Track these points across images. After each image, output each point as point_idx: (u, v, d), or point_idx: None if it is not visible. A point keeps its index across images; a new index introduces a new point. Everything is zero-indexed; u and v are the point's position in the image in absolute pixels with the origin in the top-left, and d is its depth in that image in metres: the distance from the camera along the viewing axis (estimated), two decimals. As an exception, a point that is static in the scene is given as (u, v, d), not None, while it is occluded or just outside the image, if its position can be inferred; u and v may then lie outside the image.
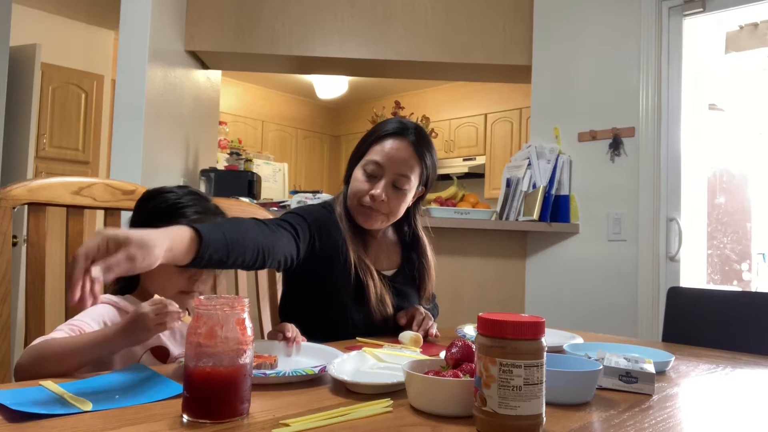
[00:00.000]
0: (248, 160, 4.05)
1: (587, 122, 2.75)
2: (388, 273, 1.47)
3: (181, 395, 0.71)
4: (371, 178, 1.38)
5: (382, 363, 1.01)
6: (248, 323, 0.73)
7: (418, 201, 1.51)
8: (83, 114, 4.39)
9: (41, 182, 1.17)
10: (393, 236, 1.55)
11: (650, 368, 0.91)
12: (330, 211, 1.44)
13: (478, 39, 3.12)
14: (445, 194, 3.05)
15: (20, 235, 2.55)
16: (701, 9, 2.48)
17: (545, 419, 0.69)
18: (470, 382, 0.73)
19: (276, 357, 0.98)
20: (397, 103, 3.50)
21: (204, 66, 3.45)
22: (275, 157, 5.64)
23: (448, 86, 6.03)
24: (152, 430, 0.66)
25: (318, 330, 1.25)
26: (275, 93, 6.61)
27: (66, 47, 4.33)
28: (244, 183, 3.41)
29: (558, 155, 2.77)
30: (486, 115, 5.74)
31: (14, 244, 1.17)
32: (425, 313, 1.38)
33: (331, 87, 5.92)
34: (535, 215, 2.65)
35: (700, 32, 2.61)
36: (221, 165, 3.88)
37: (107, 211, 1.29)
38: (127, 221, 1.19)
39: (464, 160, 5.89)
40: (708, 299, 1.63)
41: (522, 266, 2.90)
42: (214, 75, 3.72)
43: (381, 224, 1.42)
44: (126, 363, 1.03)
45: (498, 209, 2.83)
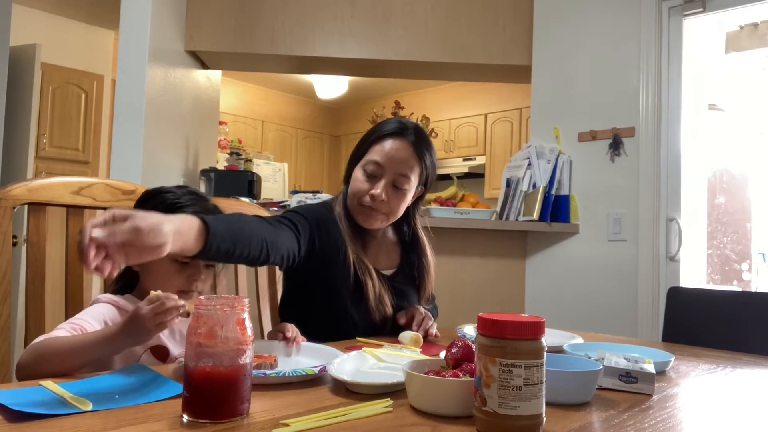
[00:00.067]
0: (248, 160, 4.06)
1: (587, 122, 2.75)
2: (388, 272, 1.47)
3: (181, 395, 0.71)
4: (371, 178, 1.38)
5: (382, 363, 1.01)
6: (248, 323, 0.73)
7: (418, 201, 1.52)
8: (83, 114, 4.39)
9: (41, 182, 1.17)
10: (393, 236, 1.56)
11: (650, 368, 0.91)
12: (329, 211, 1.44)
13: (478, 39, 3.12)
14: (445, 194, 3.05)
15: (20, 235, 2.55)
16: (701, 9, 2.48)
17: (545, 419, 0.69)
18: (470, 382, 0.73)
19: (276, 357, 0.98)
20: (397, 103, 3.50)
21: (204, 66, 3.45)
22: (275, 157, 5.64)
23: (448, 86, 6.03)
24: (152, 430, 0.66)
25: (318, 330, 1.25)
26: (275, 93, 6.61)
27: (66, 47, 4.33)
28: (244, 183, 3.41)
29: (558, 155, 2.77)
30: (486, 115, 5.75)
31: (14, 244, 1.17)
32: (425, 313, 1.38)
33: (331, 87, 5.93)
34: (535, 215, 2.65)
35: (700, 32, 2.61)
36: (221, 165, 3.88)
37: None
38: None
39: (464, 160, 5.89)
40: (708, 299, 1.63)
41: (522, 266, 2.90)
42: (214, 75, 3.72)
43: (381, 224, 1.43)
44: (126, 363, 1.03)
45: (498, 209, 2.83)
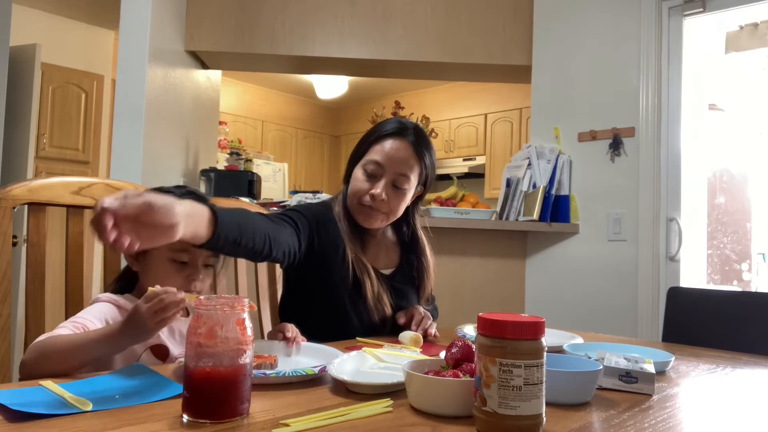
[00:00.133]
0: (248, 160, 4.06)
1: (587, 122, 2.75)
2: (387, 272, 1.47)
3: (181, 395, 0.71)
4: (371, 178, 1.39)
5: (382, 363, 1.01)
6: (248, 323, 0.73)
7: (417, 201, 1.52)
8: (83, 114, 4.39)
9: (41, 182, 1.17)
10: (392, 236, 1.56)
11: (650, 368, 0.91)
12: (328, 210, 1.45)
13: (478, 39, 3.12)
14: (445, 194, 3.05)
15: (20, 235, 2.55)
16: (701, 9, 2.48)
17: (545, 419, 0.69)
18: (470, 382, 0.73)
19: (276, 357, 0.98)
20: (397, 103, 3.50)
21: (204, 66, 3.45)
22: (275, 157, 5.64)
23: (448, 86, 6.03)
24: (152, 430, 0.66)
25: (317, 329, 1.25)
26: (275, 93, 6.60)
27: (66, 47, 4.33)
28: (244, 183, 3.41)
29: (558, 155, 2.77)
30: (486, 115, 5.74)
31: (14, 244, 1.17)
32: (424, 313, 1.38)
33: (331, 87, 5.92)
34: (535, 215, 2.65)
35: (700, 32, 2.61)
36: (221, 165, 3.88)
37: (107, 211, 1.29)
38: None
39: (464, 160, 5.89)
40: (708, 299, 1.63)
41: (522, 266, 2.90)
42: (214, 75, 3.72)
43: (381, 223, 1.43)
44: (126, 362, 1.03)
45: (498, 209, 2.83)
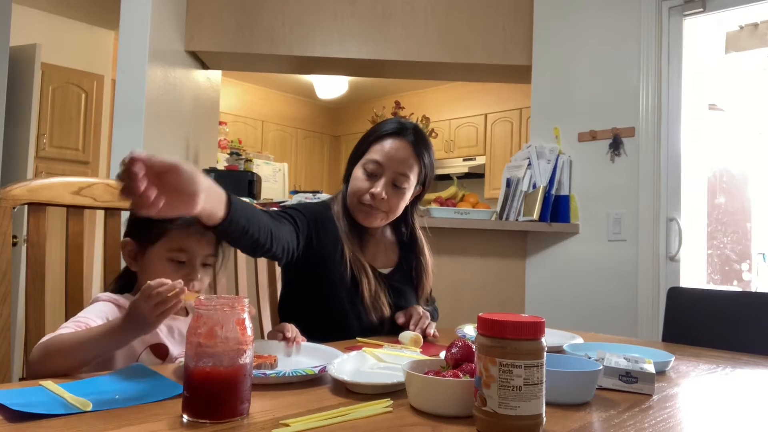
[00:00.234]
0: (248, 160, 4.06)
1: (587, 122, 2.75)
2: (385, 271, 1.48)
3: (181, 395, 0.71)
4: (371, 177, 1.40)
5: (382, 363, 1.01)
6: (248, 323, 0.73)
7: (416, 200, 1.53)
8: (83, 114, 4.39)
9: (41, 182, 1.17)
10: (391, 236, 1.57)
11: (650, 368, 0.91)
12: (327, 209, 1.47)
13: (478, 39, 3.12)
14: (445, 194, 3.04)
15: (20, 235, 2.55)
16: (701, 9, 2.48)
17: (545, 419, 0.69)
18: (470, 382, 0.73)
19: (276, 357, 0.98)
20: (397, 103, 3.50)
21: (204, 66, 3.45)
22: (275, 157, 5.64)
23: (448, 86, 6.03)
24: (152, 430, 0.66)
25: (316, 328, 1.26)
26: (275, 93, 6.60)
27: (66, 47, 4.32)
28: (244, 183, 3.41)
29: (558, 155, 2.77)
30: (486, 115, 5.74)
31: (14, 244, 1.17)
32: (423, 313, 1.38)
33: (331, 87, 5.92)
34: (535, 215, 2.65)
35: (700, 32, 2.61)
36: (221, 165, 3.88)
37: (107, 211, 1.29)
38: (126, 221, 1.19)
39: (464, 160, 5.89)
40: (708, 299, 1.63)
41: (522, 266, 2.90)
42: (214, 75, 3.72)
43: (381, 222, 1.44)
44: (126, 361, 1.03)
45: (498, 209, 2.83)
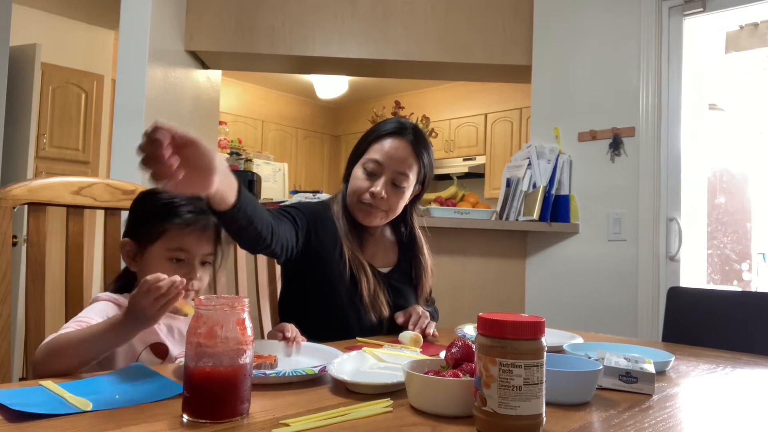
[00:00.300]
0: (248, 160, 4.06)
1: (587, 122, 2.75)
2: (385, 270, 1.49)
3: (181, 395, 0.71)
4: (371, 176, 1.41)
5: (382, 363, 1.01)
6: (248, 323, 0.73)
7: (416, 200, 1.54)
8: (83, 114, 4.39)
9: (41, 182, 1.17)
10: (390, 236, 1.58)
11: (650, 368, 0.91)
12: (326, 208, 1.48)
13: (478, 39, 3.12)
14: (445, 194, 3.04)
15: (20, 235, 2.55)
16: (701, 9, 2.48)
17: (545, 419, 0.69)
18: (470, 382, 0.73)
19: (276, 357, 0.99)
20: (397, 103, 3.50)
21: (204, 66, 3.44)
22: (275, 157, 5.63)
23: (448, 86, 6.03)
24: (152, 430, 0.66)
25: (316, 327, 1.26)
26: (275, 93, 6.60)
27: (66, 47, 4.32)
28: (244, 183, 3.39)
29: (558, 155, 2.77)
30: (486, 115, 5.74)
31: (14, 244, 1.17)
32: (422, 312, 1.39)
33: (331, 87, 5.92)
34: (535, 215, 2.65)
35: (700, 32, 2.61)
36: (221, 165, 3.87)
37: (107, 211, 1.29)
38: (125, 222, 1.19)
39: (464, 160, 5.89)
40: (708, 299, 1.63)
41: (522, 266, 2.90)
42: (214, 75, 3.72)
43: (380, 221, 1.45)
44: (127, 360, 1.03)
45: (498, 209, 2.83)
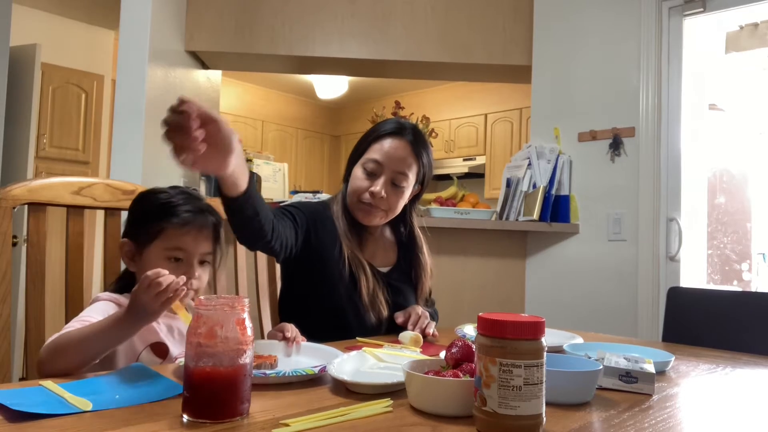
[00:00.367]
0: (248, 160, 4.05)
1: (587, 122, 2.75)
2: (384, 269, 1.49)
3: (181, 395, 0.71)
4: (371, 176, 1.42)
5: (382, 363, 1.01)
6: (248, 323, 0.73)
7: (415, 200, 1.55)
8: (83, 114, 4.39)
9: (41, 182, 1.17)
10: (390, 236, 1.59)
11: (650, 368, 0.91)
12: (325, 208, 1.49)
13: (478, 39, 3.12)
14: (445, 194, 3.04)
15: (20, 235, 2.55)
16: (701, 9, 2.48)
17: (545, 419, 0.69)
18: (470, 382, 0.73)
19: (276, 357, 0.99)
20: (397, 103, 3.50)
21: (204, 66, 3.44)
22: (275, 157, 5.62)
23: (448, 86, 6.03)
24: (152, 430, 0.66)
25: (315, 326, 1.26)
26: (275, 93, 6.60)
27: (66, 47, 4.32)
28: (244, 183, 3.40)
29: (558, 155, 2.77)
30: (486, 115, 5.74)
31: (14, 244, 1.17)
32: (422, 312, 1.39)
33: (331, 87, 5.92)
34: (535, 215, 2.65)
35: (700, 32, 2.61)
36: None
37: (107, 211, 1.29)
38: (125, 222, 1.19)
39: (464, 160, 5.89)
40: (708, 299, 1.63)
41: (522, 266, 2.90)
42: (214, 75, 3.71)
43: (380, 220, 1.46)
44: (127, 359, 1.04)
45: (498, 209, 2.83)
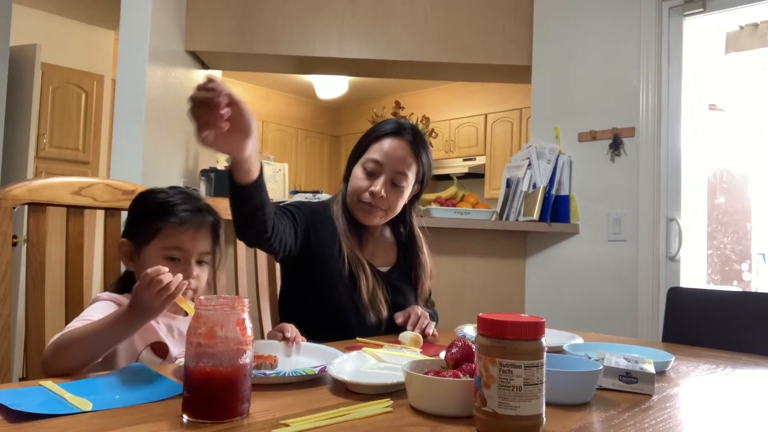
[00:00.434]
0: (248, 160, 4.04)
1: (587, 122, 2.75)
2: (384, 269, 1.49)
3: (181, 395, 0.71)
4: (371, 176, 1.42)
5: (382, 363, 1.01)
6: (248, 323, 0.73)
7: (414, 199, 1.56)
8: (83, 114, 4.39)
9: (41, 182, 1.17)
10: (390, 236, 1.59)
11: (650, 368, 0.91)
12: (325, 207, 1.49)
13: (478, 39, 3.12)
14: (445, 194, 3.04)
15: (20, 235, 2.55)
16: (701, 9, 2.48)
17: (545, 419, 0.69)
18: (470, 382, 0.73)
19: (276, 357, 0.98)
20: (397, 103, 3.50)
21: (204, 66, 3.44)
22: (275, 157, 5.63)
23: (448, 86, 6.03)
24: (152, 430, 0.66)
25: (315, 326, 1.26)
26: (275, 93, 6.60)
27: (66, 47, 4.32)
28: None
29: (558, 155, 2.77)
30: (486, 115, 5.74)
31: (14, 244, 1.17)
32: (421, 313, 1.39)
33: (331, 87, 5.92)
34: (535, 215, 2.65)
35: (700, 32, 2.61)
36: (221, 165, 3.87)
37: (107, 211, 1.29)
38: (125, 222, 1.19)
39: (464, 160, 5.89)
40: (708, 299, 1.63)
41: (522, 266, 2.90)
42: (214, 75, 3.71)
43: (380, 220, 1.46)
44: (127, 358, 1.04)
45: (498, 209, 2.83)
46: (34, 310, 1.14)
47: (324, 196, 2.87)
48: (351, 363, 0.97)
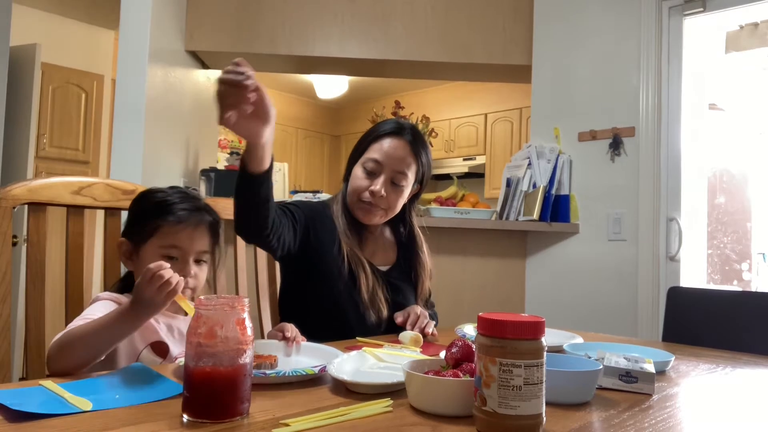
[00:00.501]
0: (248, 160, 4.04)
1: (587, 122, 2.75)
2: (384, 268, 1.50)
3: (181, 395, 0.71)
4: (371, 175, 1.43)
5: (382, 363, 1.01)
6: (248, 323, 0.73)
7: (414, 199, 1.56)
8: (83, 114, 4.39)
9: (41, 182, 1.17)
10: (390, 235, 1.59)
11: (650, 368, 0.91)
12: (325, 207, 1.50)
13: (478, 39, 3.12)
14: (445, 194, 3.04)
15: (20, 235, 2.55)
16: (701, 9, 2.48)
17: (545, 419, 0.69)
18: (470, 382, 0.73)
19: (276, 357, 0.98)
20: (397, 103, 3.50)
21: (204, 66, 3.44)
22: (275, 157, 5.63)
23: (448, 86, 6.03)
24: (152, 430, 0.66)
25: (315, 325, 1.27)
26: (275, 93, 6.60)
27: (66, 47, 4.32)
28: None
29: (558, 155, 2.77)
30: (486, 115, 5.74)
31: (14, 244, 1.17)
32: (421, 312, 1.39)
33: (331, 87, 5.92)
34: (535, 215, 2.65)
35: (700, 32, 2.61)
36: (221, 165, 3.88)
37: (107, 211, 1.29)
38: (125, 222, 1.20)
39: (464, 160, 5.89)
40: (708, 299, 1.63)
41: (522, 266, 2.90)
42: (215, 75, 3.71)
43: (380, 219, 1.47)
44: (128, 358, 1.04)
45: (498, 209, 2.83)
46: (34, 310, 1.14)
47: (324, 196, 2.87)
48: (351, 363, 0.97)
